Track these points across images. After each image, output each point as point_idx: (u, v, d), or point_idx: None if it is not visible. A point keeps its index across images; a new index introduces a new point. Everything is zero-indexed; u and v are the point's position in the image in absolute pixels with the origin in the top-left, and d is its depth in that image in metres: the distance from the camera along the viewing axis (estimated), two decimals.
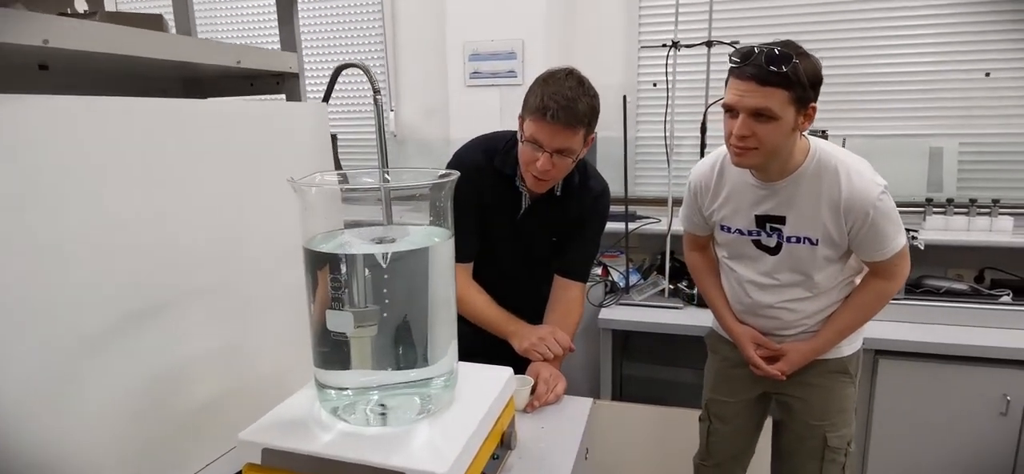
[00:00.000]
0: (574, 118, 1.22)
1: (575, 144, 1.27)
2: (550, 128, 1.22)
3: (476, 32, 2.90)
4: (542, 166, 1.25)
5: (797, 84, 1.17)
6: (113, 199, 0.76)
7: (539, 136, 1.24)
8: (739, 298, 1.50)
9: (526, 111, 1.28)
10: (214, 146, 0.92)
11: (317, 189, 0.84)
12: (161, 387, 0.84)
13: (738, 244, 1.44)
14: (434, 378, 0.87)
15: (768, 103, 1.18)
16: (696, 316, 2.16)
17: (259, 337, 1.00)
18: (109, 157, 0.75)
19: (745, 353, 1.49)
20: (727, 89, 1.25)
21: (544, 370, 1.26)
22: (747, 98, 1.19)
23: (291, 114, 1.14)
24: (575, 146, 1.27)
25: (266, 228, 1.02)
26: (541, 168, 1.26)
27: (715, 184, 1.43)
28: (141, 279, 0.80)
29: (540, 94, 1.23)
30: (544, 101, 1.21)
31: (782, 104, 1.18)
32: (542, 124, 1.23)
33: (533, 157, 1.27)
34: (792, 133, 1.23)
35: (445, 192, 0.84)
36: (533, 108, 1.24)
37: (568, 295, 1.48)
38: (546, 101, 1.20)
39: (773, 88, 1.17)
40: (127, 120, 0.78)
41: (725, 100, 1.25)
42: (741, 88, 1.20)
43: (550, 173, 1.28)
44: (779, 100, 1.17)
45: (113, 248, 0.76)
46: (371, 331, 0.80)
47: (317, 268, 0.81)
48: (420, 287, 0.84)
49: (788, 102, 1.18)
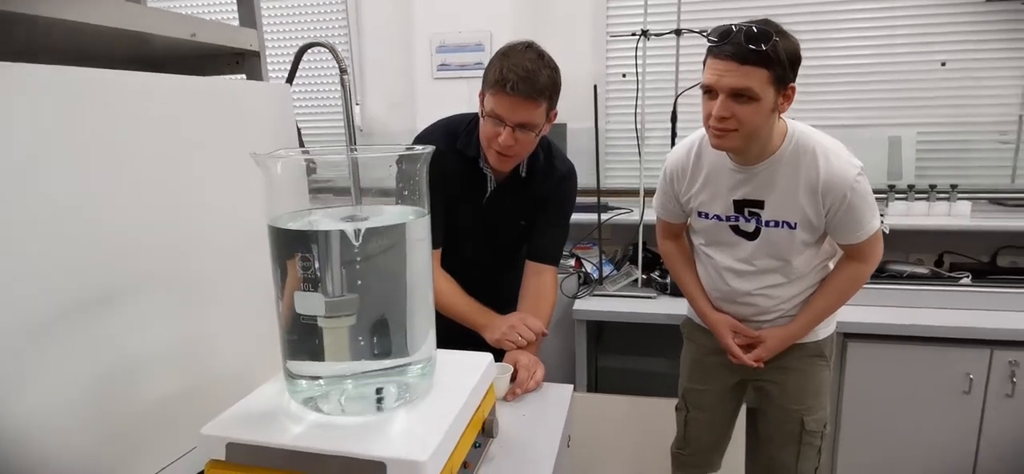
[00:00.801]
0: (535, 90, 1.19)
1: (537, 118, 1.24)
2: (510, 101, 1.19)
3: (443, 23, 2.85)
4: (504, 141, 1.22)
5: (777, 63, 1.16)
6: (53, 179, 0.69)
7: (500, 110, 1.21)
8: (716, 286, 1.49)
9: (486, 86, 1.24)
10: (168, 123, 0.85)
11: (282, 164, 0.78)
12: (113, 383, 0.77)
13: (715, 230, 1.43)
14: (412, 364, 0.82)
15: (748, 82, 1.17)
16: (670, 305, 2.15)
17: (221, 327, 0.94)
18: (48, 132, 0.68)
19: (723, 341, 1.49)
20: (705, 69, 1.24)
21: (523, 357, 1.22)
22: (726, 78, 1.18)
23: (253, 93, 1.08)
24: (537, 120, 1.24)
25: (228, 211, 0.95)
26: (503, 143, 1.22)
27: (692, 169, 1.42)
28: (87, 266, 0.73)
29: (499, 67, 1.19)
30: (503, 73, 1.17)
31: (762, 84, 1.17)
32: (502, 97, 1.19)
33: (494, 132, 1.23)
34: (772, 114, 1.22)
35: (419, 165, 0.79)
36: (492, 81, 1.20)
37: (540, 280, 1.44)
38: (505, 73, 1.17)
39: (753, 67, 1.16)
40: (66, 91, 0.71)
41: (703, 81, 1.24)
42: (720, 68, 1.19)
43: (512, 149, 1.25)
44: (759, 80, 1.17)
45: (53, 233, 0.69)
46: (344, 316, 0.75)
47: (284, 248, 0.76)
48: (396, 268, 0.79)
49: (768, 82, 1.17)
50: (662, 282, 2.26)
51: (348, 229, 0.75)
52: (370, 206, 0.88)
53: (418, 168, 0.79)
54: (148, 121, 0.82)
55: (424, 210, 0.82)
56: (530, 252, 1.46)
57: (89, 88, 0.73)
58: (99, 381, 0.76)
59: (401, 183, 0.79)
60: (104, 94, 0.75)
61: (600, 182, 2.36)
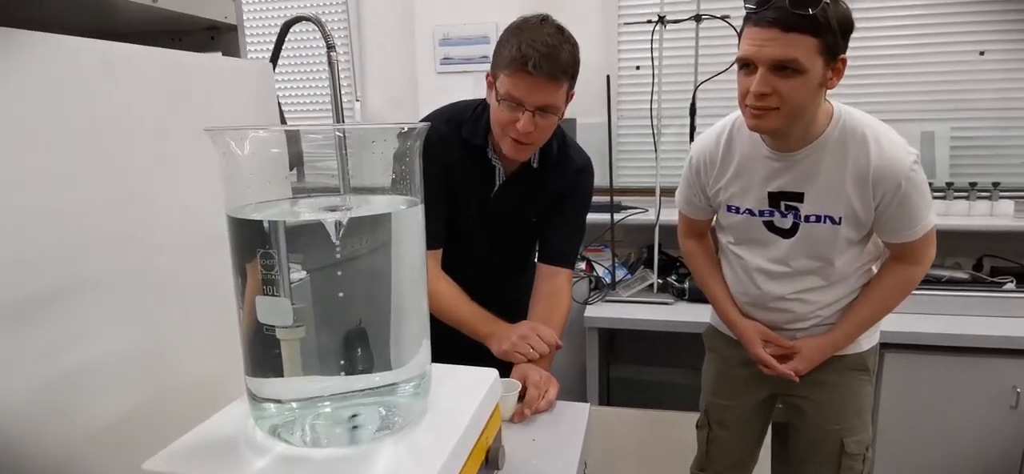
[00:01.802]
0: (557, 68, 1.06)
1: (558, 100, 1.11)
2: (531, 81, 1.05)
3: (447, 16, 2.73)
4: (523, 127, 1.08)
5: (827, 29, 1.02)
6: None
7: (518, 92, 1.07)
8: (745, 289, 1.34)
9: (500, 66, 1.10)
10: (126, 99, 0.72)
11: (249, 142, 0.64)
12: (49, 400, 0.64)
13: (747, 227, 1.29)
14: (401, 383, 0.68)
15: (793, 52, 1.02)
16: (688, 312, 2.01)
17: (182, 337, 0.80)
18: None
19: (752, 351, 1.34)
20: (742, 40, 1.10)
21: (533, 372, 1.08)
22: (768, 48, 1.03)
23: (227, 70, 0.95)
24: (558, 102, 1.11)
25: (194, 205, 0.82)
26: (522, 130, 1.08)
27: (722, 158, 1.28)
28: (21, 259, 0.60)
29: (515, 44, 1.05)
30: (522, 51, 1.04)
31: (809, 54, 1.03)
32: (522, 77, 1.06)
33: (511, 118, 1.10)
34: (819, 90, 1.08)
35: (411, 144, 0.65)
36: (509, 60, 1.06)
37: (553, 285, 1.30)
38: (525, 50, 1.04)
39: (799, 35, 1.01)
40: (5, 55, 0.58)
41: (740, 53, 1.09)
42: (760, 36, 1.04)
43: (532, 136, 1.11)
44: (806, 49, 1.02)
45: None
46: (318, 324, 0.61)
47: (245, 243, 0.62)
48: (383, 268, 0.66)
49: (816, 52, 1.03)
50: (680, 287, 2.11)
51: (326, 220, 0.62)
52: (356, 195, 0.75)
53: (410, 147, 0.66)
54: (102, 95, 0.69)
55: (417, 200, 0.68)
56: (542, 253, 1.33)
57: (30, 53, 0.60)
58: (32, 398, 0.62)
59: (391, 167, 0.65)
60: (49, 61, 0.62)
61: (613, 180, 2.22)
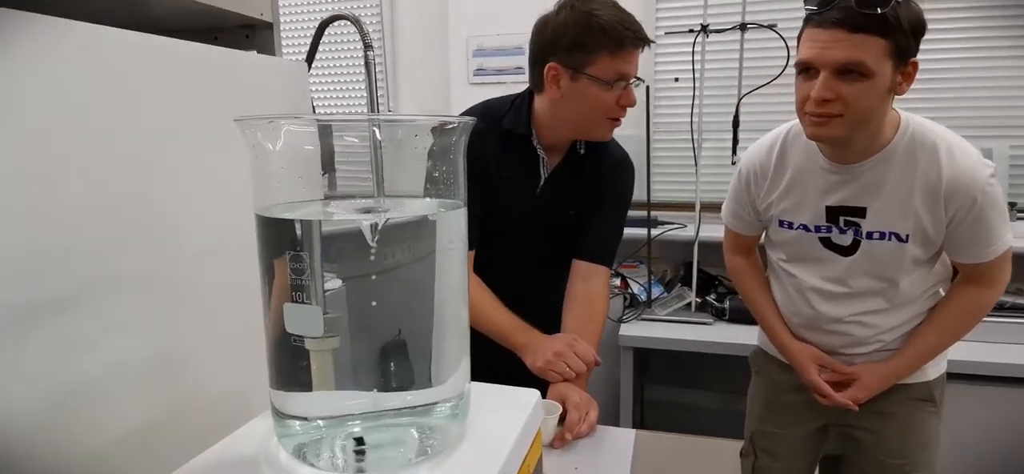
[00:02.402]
0: (644, 34, 1.09)
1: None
2: (634, 54, 1.08)
3: (481, 27, 2.70)
4: (629, 101, 1.11)
5: (898, 30, 0.94)
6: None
7: (626, 68, 1.08)
8: (798, 310, 1.26)
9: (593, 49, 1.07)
10: (152, 93, 0.68)
11: (282, 136, 0.59)
12: (62, 409, 0.60)
13: (801, 243, 1.20)
14: (439, 404, 0.62)
15: (859, 55, 0.95)
16: (729, 332, 1.91)
17: (204, 345, 0.76)
18: None
19: (806, 377, 1.24)
20: (801, 43, 1.02)
21: (573, 393, 1.01)
22: (831, 50, 0.96)
23: (260, 67, 0.91)
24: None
25: (221, 207, 0.78)
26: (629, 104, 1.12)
27: (774, 170, 1.20)
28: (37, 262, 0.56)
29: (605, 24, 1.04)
30: (619, 29, 1.04)
31: (878, 57, 0.95)
32: (627, 53, 1.07)
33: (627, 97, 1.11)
34: (887, 96, 1.00)
35: (456, 140, 0.60)
36: (610, 40, 1.05)
37: (590, 287, 1.22)
38: (621, 29, 1.04)
39: (867, 36, 0.94)
40: (18, 39, 0.54)
41: (800, 56, 1.02)
42: (823, 38, 0.97)
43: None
44: (874, 51, 0.94)
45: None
46: (350, 335, 0.56)
47: (273, 244, 0.57)
48: (423, 276, 0.60)
49: (885, 54, 0.95)
50: (720, 306, 2.02)
51: (363, 223, 0.56)
52: (393, 197, 0.70)
53: (454, 144, 0.60)
54: (129, 88, 0.65)
55: (460, 202, 0.63)
56: (579, 249, 1.25)
57: (55, 40, 0.57)
58: (42, 407, 0.58)
59: (432, 166, 0.59)
60: (74, 49, 0.59)
61: (650, 194, 2.14)
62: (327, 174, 0.67)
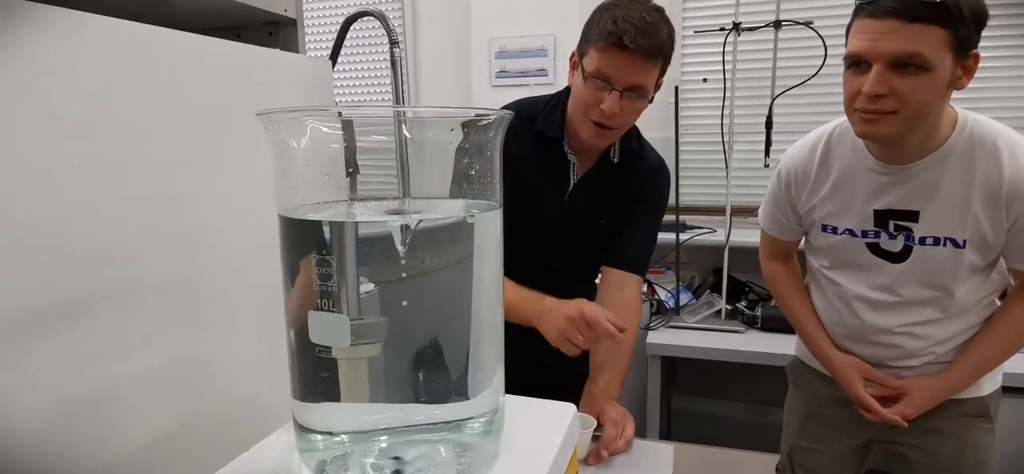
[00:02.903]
0: (653, 46, 0.98)
1: (649, 82, 1.02)
2: (624, 59, 0.97)
3: (503, 28, 2.66)
4: (609, 108, 1.00)
5: (959, 19, 0.87)
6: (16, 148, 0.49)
7: (608, 69, 0.99)
8: (842, 319, 1.19)
9: (590, 40, 1.02)
10: (172, 91, 0.65)
11: (309, 132, 0.56)
12: (80, 417, 0.57)
13: (845, 249, 1.14)
14: (472, 419, 0.58)
15: (917, 46, 0.88)
16: (761, 341, 1.85)
17: (227, 353, 0.73)
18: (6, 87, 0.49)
19: (852, 391, 1.18)
20: (851, 35, 0.96)
21: (610, 407, 0.96)
22: (886, 41, 0.90)
23: (285, 65, 0.88)
24: (648, 85, 1.03)
25: (245, 208, 0.74)
26: (608, 109, 1.00)
27: (817, 171, 1.14)
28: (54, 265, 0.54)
29: (609, 18, 0.98)
30: (618, 24, 0.96)
31: (936, 48, 0.88)
32: (614, 54, 0.98)
33: (597, 97, 1.01)
34: (945, 92, 0.93)
35: (492, 136, 0.56)
36: (602, 35, 0.98)
37: (623, 296, 1.17)
38: (620, 24, 0.96)
39: (925, 26, 0.88)
40: (40, 33, 0.51)
41: (850, 48, 0.96)
42: (876, 29, 0.91)
43: (616, 119, 1.03)
44: (933, 42, 0.88)
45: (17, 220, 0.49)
46: (378, 346, 0.52)
47: (298, 247, 0.53)
48: (456, 282, 0.56)
49: (945, 46, 0.89)
50: (751, 314, 1.95)
51: (392, 225, 0.52)
52: (422, 199, 0.66)
53: (491, 140, 0.56)
54: (150, 85, 0.62)
55: (495, 203, 0.58)
56: (611, 257, 1.20)
57: (75, 35, 0.54)
58: (58, 414, 0.55)
59: (466, 163, 0.55)
60: (94, 44, 0.56)
61: (678, 198, 2.08)
62: (351, 174, 0.64)
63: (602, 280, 1.20)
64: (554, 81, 2.57)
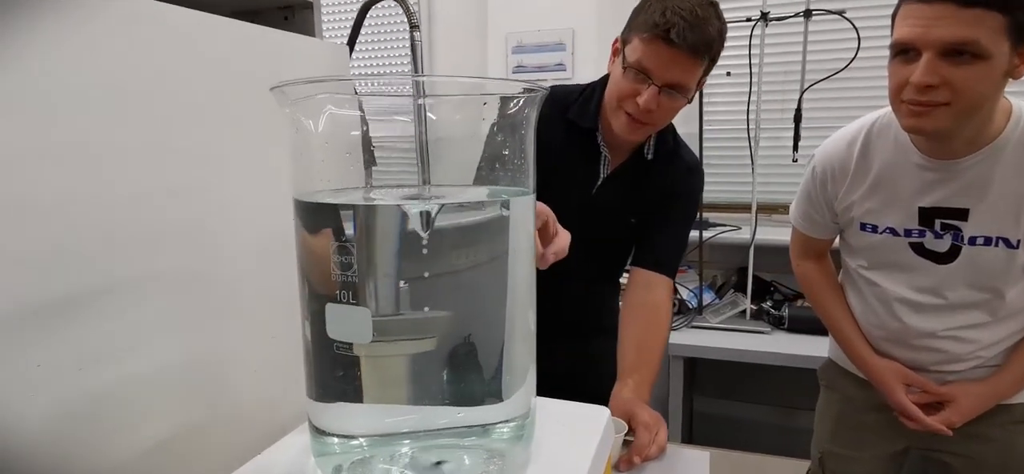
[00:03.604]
0: (702, 42, 0.91)
1: (691, 80, 0.96)
2: (669, 53, 0.91)
3: (520, 22, 2.61)
4: (645, 103, 0.94)
5: (1017, 5, 0.82)
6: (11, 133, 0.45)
7: (649, 62, 0.93)
8: (881, 322, 1.13)
9: (635, 29, 0.96)
10: (187, 75, 0.61)
11: (327, 110, 0.52)
12: (84, 419, 0.53)
13: (886, 249, 1.08)
14: (502, 423, 0.53)
15: (972, 32, 0.83)
16: (788, 343, 1.79)
17: (239, 350, 0.69)
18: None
19: (892, 398, 1.12)
20: (898, 22, 0.91)
21: (641, 411, 0.90)
22: (938, 28, 0.84)
23: (300, 50, 0.84)
24: (690, 84, 0.97)
25: (259, 198, 0.70)
26: (644, 105, 0.94)
27: (856, 167, 1.08)
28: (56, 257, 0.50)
29: (659, 7, 0.91)
30: (666, 16, 0.90)
31: (993, 35, 0.83)
32: (658, 46, 0.91)
33: (634, 90, 0.96)
34: (1002, 82, 0.87)
35: (527, 113, 0.51)
36: (648, 25, 0.92)
37: (652, 297, 1.11)
38: (669, 16, 0.90)
39: (982, 10, 0.82)
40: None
41: (898, 35, 0.90)
42: (927, 15, 0.85)
43: (652, 115, 0.97)
44: (989, 28, 0.82)
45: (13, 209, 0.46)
46: (402, 343, 0.47)
47: (315, 235, 0.49)
48: (485, 275, 0.51)
49: (1002, 32, 0.83)
50: (777, 314, 1.89)
51: (412, 209, 0.48)
52: (447, 186, 0.61)
53: (525, 118, 0.51)
54: (157, 67, 0.58)
55: (528, 188, 0.54)
56: (641, 257, 1.14)
57: (75, 9, 0.50)
58: (61, 416, 0.51)
59: (501, 142, 0.51)
60: (95, 20, 0.52)
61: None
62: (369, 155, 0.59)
63: (630, 280, 1.14)
64: (572, 76, 2.52)
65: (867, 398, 1.19)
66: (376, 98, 0.54)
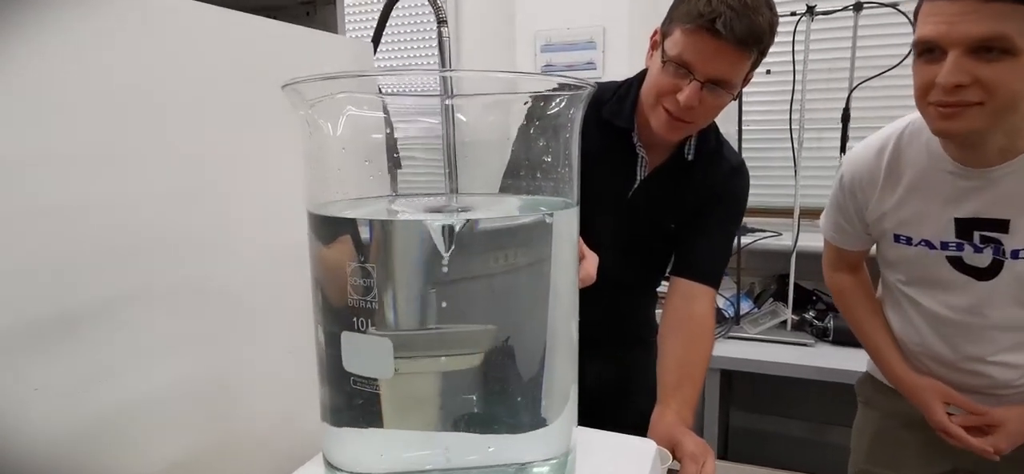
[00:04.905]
0: (750, 34, 0.83)
1: (737, 75, 0.88)
2: (713, 45, 0.83)
3: (549, 20, 2.55)
4: (686, 99, 0.86)
5: None
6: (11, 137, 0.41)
7: (690, 54, 0.86)
8: (923, 342, 1.05)
9: (677, 19, 0.88)
10: (201, 71, 0.56)
11: (344, 118, 0.46)
12: (87, 441, 0.49)
13: (922, 263, 1.00)
14: (540, 461, 0.47)
15: (1001, 27, 0.75)
16: (831, 356, 1.69)
17: (253, 370, 0.64)
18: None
19: (933, 419, 1.04)
20: (920, 19, 0.83)
21: (686, 439, 0.83)
22: (964, 23, 0.77)
23: (322, 47, 0.79)
24: (736, 79, 0.89)
25: (276, 205, 0.66)
26: (685, 102, 0.87)
27: (885, 175, 1.00)
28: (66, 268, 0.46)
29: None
30: (712, 4, 0.82)
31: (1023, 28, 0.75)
32: (702, 38, 0.84)
33: (674, 86, 0.88)
34: None
35: (573, 113, 0.45)
36: (691, 15, 0.84)
37: (694, 309, 1.01)
38: (715, 5, 0.82)
39: (1009, 3, 0.75)
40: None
41: (921, 33, 0.83)
42: (951, 11, 0.78)
43: (693, 113, 0.89)
44: (1018, 22, 0.75)
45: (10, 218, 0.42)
46: (428, 376, 0.42)
47: (329, 252, 0.44)
48: (524, 297, 0.45)
49: None
50: (821, 326, 1.79)
51: (434, 224, 0.42)
52: (477, 195, 0.56)
53: (570, 119, 0.45)
54: (169, 64, 0.53)
55: (572, 199, 0.48)
56: (681, 266, 1.05)
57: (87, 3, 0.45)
58: (63, 438, 0.47)
59: (543, 146, 0.45)
60: (105, 13, 0.47)
61: None
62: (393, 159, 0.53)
63: (670, 291, 1.06)
64: (603, 75, 2.45)
65: (907, 415, 1.11)
66: (401, 98, 0.49)
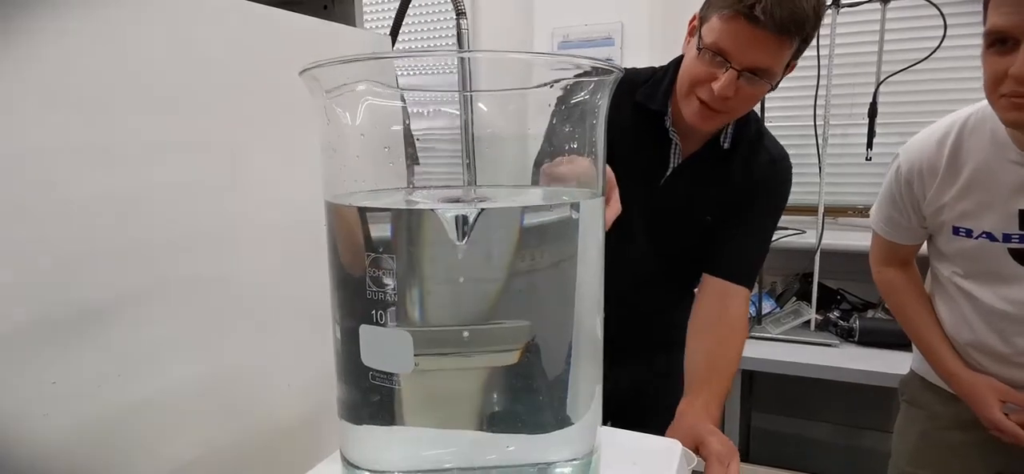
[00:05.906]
0: (792, 20, 0.79)
1: (777, 64, 0.84)
2: (751, 32, 0.80)
3: (567, 16, 2.53)
4: (722, 89, 0.83)
5: None
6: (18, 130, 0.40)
7: (728, 43, 0.82)
8: (977, 338, 1.01)
9: (715, 5, 0.84)
10: (215, 63, 0.56)
11: (366, 99, 0.45)
12: (101, 441, 0.48)
13: (983, 256, 0.96)
14: (563, 462, 0.45)
15: None
16: (856, 357, 1.65)
17: (270, 367, 0.63)
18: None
19: (987, 415, 1.01)
20: (992, 7, 0.80)
21: (712, 439, 0.80)
22: None
23: (340, 40, 0.78)
24: (776, 67, 0.84)
25: (294, 199, 0.65)
26: (719, 92, 0.83)
27: (946, 166, 0.97)
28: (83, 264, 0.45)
29: None
30: None
31: None
32: (740, 25, 0.80)
33: (710, 74, 0.85)
34: None
35: (600, 99, 0.43)
36: (729, 1, 0.81)
37: (726, 309, 0.96)
38: None
39: None
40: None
41: (992, 23, 0.80)
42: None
43: (729, 103, 0.86)
44: None
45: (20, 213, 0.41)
46: (449, 373, 0.40)
47: (348, 244, 0.42)
48: (552, 289, 0.43)
49: None
50: (846, 326, 1.75)
51: (450, 214, 0.41)
52: (500, 187, 0.54)
53: (596, 105, 0.43)
54: (183, 55, 0.52)
55: (598, 189, 0.46)
56: (714, 263, 0.99)
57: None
58: (77, 437, 0.46)
59: (569, 132, 0.43)
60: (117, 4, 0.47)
61: None
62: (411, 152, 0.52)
63: (701, 289, 1.00)
64: None
65: (955, 414, 1.08)
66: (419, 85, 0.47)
